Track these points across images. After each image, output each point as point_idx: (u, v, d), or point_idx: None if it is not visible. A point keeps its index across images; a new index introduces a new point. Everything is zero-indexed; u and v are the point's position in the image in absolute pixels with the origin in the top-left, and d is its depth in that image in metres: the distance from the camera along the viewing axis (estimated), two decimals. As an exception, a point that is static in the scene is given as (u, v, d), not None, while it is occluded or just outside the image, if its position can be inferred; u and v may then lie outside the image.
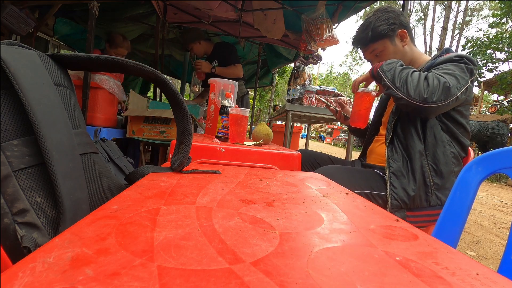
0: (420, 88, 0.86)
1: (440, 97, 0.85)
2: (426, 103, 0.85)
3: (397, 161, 0.97)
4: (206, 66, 2.30)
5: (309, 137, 4.78)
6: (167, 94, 0.57)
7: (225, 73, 2.31)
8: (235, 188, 0.50)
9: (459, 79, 0.89)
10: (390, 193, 0.92)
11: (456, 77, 0.89)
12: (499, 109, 8.03)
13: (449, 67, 0.92)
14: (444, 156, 0.95)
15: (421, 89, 0.86)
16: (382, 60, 1.07)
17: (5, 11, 2.20)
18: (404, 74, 0.90)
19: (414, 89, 0.86)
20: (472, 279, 0.24)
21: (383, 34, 1.07)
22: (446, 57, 0.96)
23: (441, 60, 0.96)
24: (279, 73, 7.48)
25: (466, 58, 0.93)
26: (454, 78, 0.88)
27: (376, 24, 1.07)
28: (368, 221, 0.38)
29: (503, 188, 5.33)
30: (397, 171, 0.95)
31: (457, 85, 0.88)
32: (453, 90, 0.86)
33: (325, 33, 2.51)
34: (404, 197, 0.92)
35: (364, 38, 1.10)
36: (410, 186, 0.93)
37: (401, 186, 0.93)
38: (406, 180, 0.94)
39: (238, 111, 1.14)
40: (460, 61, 0.93)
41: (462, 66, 0.92)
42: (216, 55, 2.43)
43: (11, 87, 0.40)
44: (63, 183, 0.40)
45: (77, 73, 1.59)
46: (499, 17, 8.49)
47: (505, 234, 2.30)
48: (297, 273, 0.22)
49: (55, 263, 0.21)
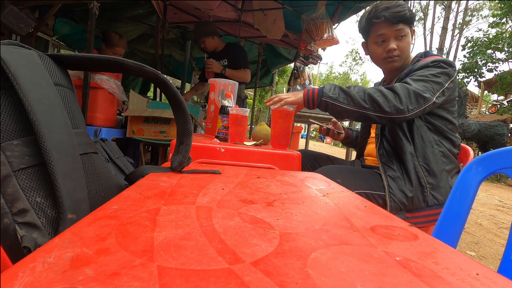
0: (392, 101, 0.87)
1: (415, 104, 0.87)
2: (403, 113, 0.87)
3: (391, 163, 0.97)
4: (217, 66, 2.29)
5: (309, 137, 4.78)
6: (167, 94, 0.57)
7: (235, 76, 2.30)
8: (235, 188, 0.50)
9: (433, 84, 0.90)
10: (389, 196, 0.93)
11: (429, 83, 0.90)
12: (499, 109, 8.03)
13: (423, 73, 0.92)
14: (433, 155, 0.96)
15: (394, 102, 0.87)
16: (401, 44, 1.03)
17: (5, 11, 2.20)
18: (365, 93, 0.90)
19: (387, 104, 0.87)
20: (472, 279, 0.24)
21: (412, 22, 1.04)
22: (423, 63, 0.96)
23: (418, 67, 0.96)
24: (279, 73, 7.47)
25: (442, 62, 0.94)
26: (427, 84, 0.90)
27: (411, 10, 1.03)
28: (368, 221, 0.38)
29: (503, 188, 5.33)
30: (393, 174, 0.95)
31: (432, 90, 0.89)
32: (427, 96, 0.88)
33: (325, 33, 2.51)
34: (402, 198, 0.92)
35: (401, 14, 0.99)
36: (407, 187, 0.93)
37: (399, 188, 0.93)
38: (402, 181, 0.94)
39: (238, 111, 1.13)
40: (435, 66, 0.94)
41: (437, 71, 0.92)
42: (226, 55, 2.41)
43: (11, 87, 0.40)
44: (63, 183, 0.40)
45: (77, 73, 1.59)
46: (499, 17, 8.49)
47: (505, 234, 2.30)
48: (297, 273, 0.22)
49: (55, 263, 0.21)
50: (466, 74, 9.42)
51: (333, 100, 0.93)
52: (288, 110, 1.07)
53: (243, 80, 2.38)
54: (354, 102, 0.90)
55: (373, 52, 1.10)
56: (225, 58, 2.40)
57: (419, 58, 1.03)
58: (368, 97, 0.89)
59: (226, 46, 2.44)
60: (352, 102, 0.91)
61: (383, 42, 1.05)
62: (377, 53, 1.08)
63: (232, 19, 3.13)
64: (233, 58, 2.38)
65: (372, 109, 0.89)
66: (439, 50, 14.61)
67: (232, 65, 2.36)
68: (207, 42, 2.39)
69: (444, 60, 0.95)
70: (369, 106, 0.89)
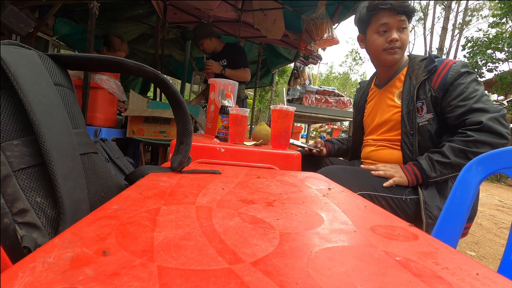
0: (497, 142, 0.84)
1: (507, 124, 0.86)
2: (508, 142, 0.85)
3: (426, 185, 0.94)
4: (216, 67, 2.29)
5: (309, 137, 4.78)
6: (167, 94, 0.57)
7: (235, 75, 2.31)
8: (235, 188, 0.50)
9: (485, 93, 0.91)
10: (425, 212, 0.89)
11: (484, 95, 0.90)
12: (499, 109, 8.01)
13: (471, 89, 0.91)
14: None
15: (499, 142, 0.84)
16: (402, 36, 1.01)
17: (5, 11, 2.20)
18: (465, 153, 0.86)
19: (492, 148, 0.84)
20: (472, 279, 0.24)
21: (412, 16, 1.03)
22: (456, 73, 0.93)
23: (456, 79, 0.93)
24: (279, 73, 7.47)
25: (465, 65, 0.95)
26: (486, 97, 0.90)
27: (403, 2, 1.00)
28: (368, 221, 0.38)
29: (503, 188, 5.32)
30: (428, 189, 0.92)
31: (489, 100, 0.90)
32: (499, 107, 0.87)
33: (325, 33, 2.51)
34: (438, 214, 0.90)
35: (405, 4, 0.99)
36: (442, 203, 0.90)
37: (435, 204, 0.90)
38: (437, 197, 0.92)
39: (238, 111, 1.13)
40: (470, 73, 0.94)
41: (473, 78, 0.93)
42: (225, 55, 2.42)
43: (11, 87, 0.40)
44: (63, 183, 0.40)
45: (77, 73, 1.59)
46: (499, 17, 8.49)
47: (505, 234, 2.30)
48: (297, 273, 0.22)
49: (55, 263, 0.21)
50: (466, 74, 9.39)
51: (441, 178, 0.90)
52: (288, 110, 1.07)
53: (243, 79, 2.39)
54: (461, 166, 0.82)
55: (373, 42, 1.06)
56: (224, 58, 2.41)
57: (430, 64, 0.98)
58: (472, 154, 0.85)
59: (225, 47, 2.45)
60: (459, 167, 0.83)
61: (385, 32, 1.02)
62: (377, 43, 1.04)
63: (232, 19, 3.13)
64: (233, 58, 2.39)
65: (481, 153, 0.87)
66: (439, 50, 14.61)
67: (231, 65, 2.36)
68: (206, 44, 2.40)
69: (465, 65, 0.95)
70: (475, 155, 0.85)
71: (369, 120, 1.19)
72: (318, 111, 2.58)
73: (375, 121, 1.14)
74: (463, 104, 0.90)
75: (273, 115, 1.09)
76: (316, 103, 2.62)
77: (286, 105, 1.05)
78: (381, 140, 1.12)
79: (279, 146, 1.08)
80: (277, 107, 1.07)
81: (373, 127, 1.16)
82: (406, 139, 1.01)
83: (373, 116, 1.17)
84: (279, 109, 1.06)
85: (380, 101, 1.15)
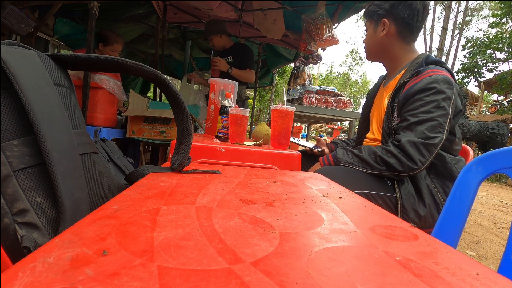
0: (404, 161, 0.87)
1: (426, 155, 0.86)
2: (418, 168, 0.87)
3: (403, 182, 0.95)
4: (223, 65, 2.28)
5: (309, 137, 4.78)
6: (167, 94, 0.57)
7: (240, 76, 2.30)
8: (235, 188, 0.50)
9: (439, 119, 0.87)
10: (402, 216, 0.91)
11: (434, 120, 0.87)
12: (499, 109, 8.03)
13: (425, 108, 0.88)
14: (446, 170, 0.95)
15: (407, 163, 0.86)
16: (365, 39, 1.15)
17: (5, 11, 2.20)
18: (376, 156, 0.92)
19: (400, 165, 0.87)
20: (472, 279, 0.24)
21: (369, 15, 1.11)
22: (419, 87, 0.91)
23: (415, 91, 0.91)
24: (279, 73, 7.47)
25: (438, 84, 0.89)
26: (433, 123, 0.87)
27: (373, 3, 1.10)
28: (368, 221, 0.38)
29: (503, 188, 5.33)
30: (406, 193, 0.93)
31: (440, 126, 0.87)
32: (436, 141, 0.86)
33: (325, 33, 2.51)
34: (415, 218, 0.91)
35: (366, 11, 1.15)
36: (421, 207, 0.92)
37: (412, 208, 0.92)
38: (415, 201, 0.93)
39: (238, 111, 1.13)
40: (434, 93, 0.89)
41: (438, 98, 0.88)
42: (233, 54, 2.41)
43: (11, 87, 0.40)
44: (63, 183, 0.40)
45: (77, 73, 1.59)
46: (499, 17, 8.50)
47: (505, 234, 2.30)
48: (297, 273, 0.22)
49: (55, 263, 0.21)
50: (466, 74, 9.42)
51: (349, 164, 0.95)
52: (288, 110, 1.07)
53: (248, 80, 2.39)
54: (370, 165, 0.93)
55: None
56: (230, 55, 2.40)
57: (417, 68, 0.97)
58: (380, 159, 0.91)
59: (233, 45, 2.45)
60: (368, 165, 0.93)
61: None
62: None
63: (232, 19, 3.13)
64: (240, 57, 2.38)
65: (387, 170, 0.90)
66: (439, 50, 14.61)
67: (237, 64, 2.36)
68: (215, 40, 2.39)
69: (440, 81, 0.89)
70: (384, 168, 0.90)
71: (371, 117, 1.21)
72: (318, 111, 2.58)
73: (373, 119, 1.16)
74: (408, 118, 0.92)
75: (273, 115, 1.09)
76: (316, 103, 2.62)
77: (286, 105, 1.05)
78: (374, 139, 1.13)
79: (279, 146, 1.08)
80: (277, 107, 1.07)
81: (372, 125, 1.18)
82: (383, 140, 1.03)
83: (373, 113, 1.19)
84: (279, 109, 1.06)
85: (378, 99, 1.17)
